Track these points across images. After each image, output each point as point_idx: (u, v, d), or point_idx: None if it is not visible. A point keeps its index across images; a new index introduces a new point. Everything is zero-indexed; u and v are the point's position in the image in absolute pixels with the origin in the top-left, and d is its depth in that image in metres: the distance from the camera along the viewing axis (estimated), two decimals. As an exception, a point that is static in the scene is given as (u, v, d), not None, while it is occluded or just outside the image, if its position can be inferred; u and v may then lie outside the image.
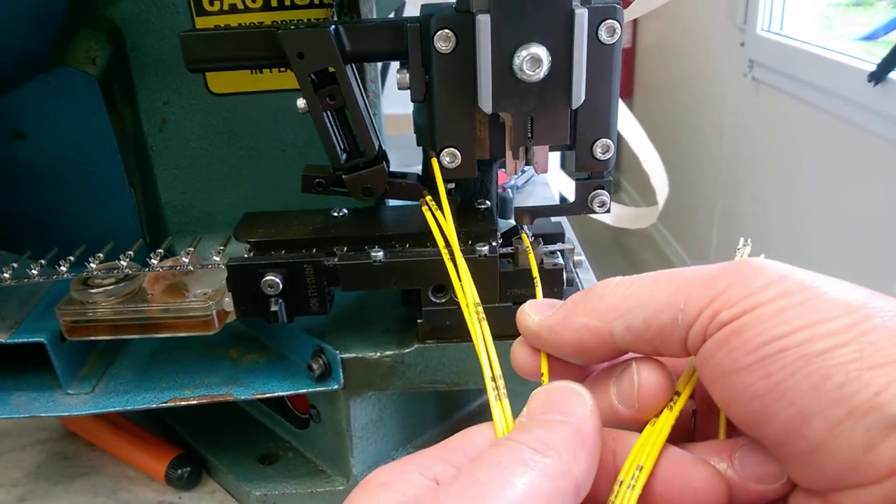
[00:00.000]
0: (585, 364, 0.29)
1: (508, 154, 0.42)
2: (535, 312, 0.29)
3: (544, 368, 0.29)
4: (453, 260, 0.36)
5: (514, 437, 0.24)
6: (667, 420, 0.26)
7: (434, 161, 0.41)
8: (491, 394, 0.27)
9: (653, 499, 0.25)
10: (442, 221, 0.39)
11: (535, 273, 0.38)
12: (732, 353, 0.23)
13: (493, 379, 0.28)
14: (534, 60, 0.37)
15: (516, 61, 0.37)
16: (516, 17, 0.37)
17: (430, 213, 0.41)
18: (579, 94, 0.39)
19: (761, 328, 0.22)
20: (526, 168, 0.44)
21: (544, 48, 0.37)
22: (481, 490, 0.21)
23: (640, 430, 0.26)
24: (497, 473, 0.21)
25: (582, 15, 0.37)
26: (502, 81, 0.38)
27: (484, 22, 0.37)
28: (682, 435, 0.29)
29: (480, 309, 0.32)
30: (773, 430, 0.22)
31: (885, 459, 0.20)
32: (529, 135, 0.40)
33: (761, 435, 0.23)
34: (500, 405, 0.27)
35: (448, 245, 0.38)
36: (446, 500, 0.21)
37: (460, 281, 0.35)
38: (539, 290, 0.36)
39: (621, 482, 0.24)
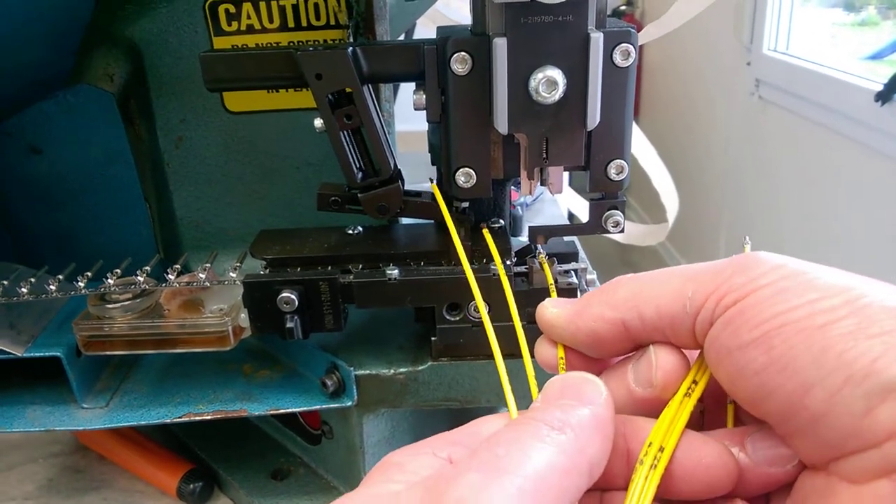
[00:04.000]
0: (601, 356, 0.30)
1: (523, 174, 0.43)
2: (554, 306, 0.30)
3: (561, 353, 0.30)
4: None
5: (531, 415, 0.24)
6: (686, 405, 0.27)
7: (434, 186, 0.42)
8: (509, 396, 0.28)
9: (665, 475, 0.25)
10: (456, 242, 0.39)
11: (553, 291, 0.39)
12: (736, 331, 0.24)
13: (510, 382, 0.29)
14: (549, 83, 0.37)
15: (532, 83, 0.38)
16: (532, 40, 0.37)
17: (489, 234, 0.44)
18: (594, 116, 0.39)
19: (763, 306, 0.24)
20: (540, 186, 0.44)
21: (560, 71, 0.38)
22: (501, 463, 0.22)
23: (653, 414, 0.27)
24: (515, 448, 0.22)
25: (597, 39, 0.37)
26: (518, 103, 0.39)
27: (500, 45, 0.37)
28: (692, 426, 0.30)
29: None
30: (777, 404, 0.23)
31: (884, 422, 0.21)
32: (544, 156, 0.40)
33: (765, 411, 0.24)
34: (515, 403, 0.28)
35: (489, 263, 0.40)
36: (467, 473, 0.21)
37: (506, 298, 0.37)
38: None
39: (642, 461, 0.25)
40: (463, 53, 0.39)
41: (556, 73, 0.37)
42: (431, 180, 0.48)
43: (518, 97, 0.38)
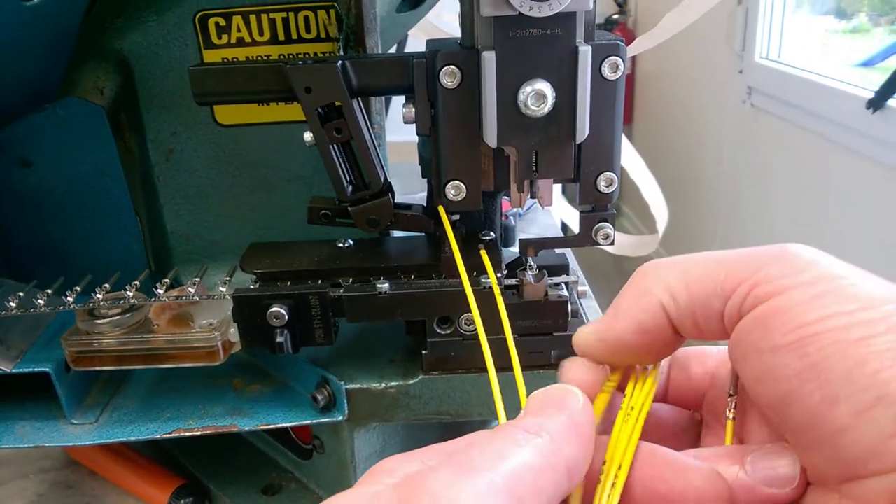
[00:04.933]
0: (650, 354, 0.29)
1: (513, 187, 0.42)
2: (588, 327, 0.29)
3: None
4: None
5: (508, 423, 0.24)
6: (628, 424, 0.27)
7: (441, 209, 0.42)
8: (499, 407, 0.28)
9: (655, 500, 0.25)
10: (457, 259, 0.39)
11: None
12: (769, 332, 0.23)
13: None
14: (538, 96, 0.37)
15: (521, 97, 0.38)
16: (521, 54, 0.37)
17: (486, 255, 0.44)
18: (583, 129, 0.39)
19: (800, 310, 0.23)
20: (530, 199, 0.44)
21: (548, 84, 0.38)
22: (475, 462, 0.22)
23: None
24: (490, 449, 0.22)
25: (586, 52, 0.37)
26: (507, 116, 0.39)
27: (489, 59, 0.37)
28: (690, 443, 0.30)
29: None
30: (800, 411, 0.23)
31: None
32: (534, 169, 0.40)
33: (786, 417, 0.24)
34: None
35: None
36: (440, 470, 0.22)
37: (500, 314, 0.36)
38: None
39: (601, 481, 0.25)
40: (452, 67, 0.39)
41: (544, 86, 0.37)
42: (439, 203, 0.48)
43: (507, 111, 0.38)
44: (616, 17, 3.05)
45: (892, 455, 0.21)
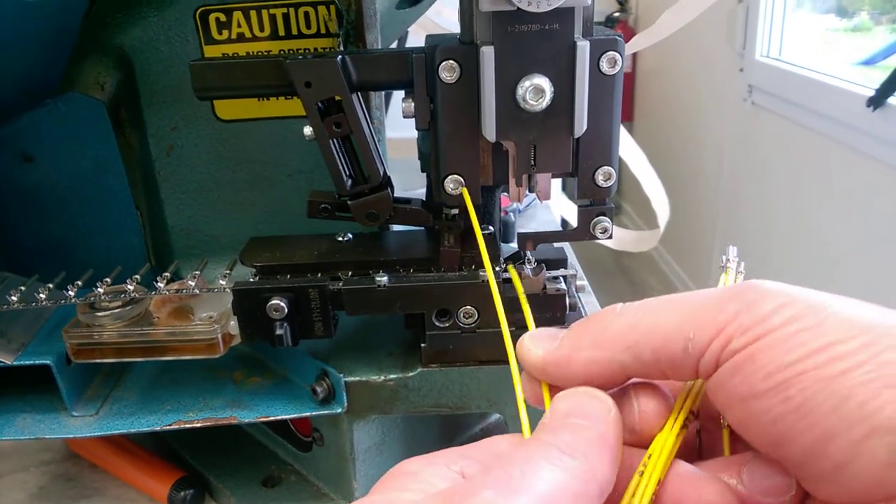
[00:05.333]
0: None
1: (512, 181, 0.43)
2: (537, 346, 0.28)
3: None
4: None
5: (541, 437, 0.24)
6: (668, 442, 0.27)
7: (466, 194, 0.42)
8: (523, 414, 0.28)
9: None
10: (484, 256, 0.39)
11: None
12: (748, 378, 0.23)
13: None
14: (536, 90, 0.38)
15: (519, 91, 0.38)
16: (519, 49, 0.38)
17: (515, 273, 0.43)
18: (581, 124, 0.39)
19: (776, 352, 0.23)
20: (529, 193, 0.44)
21: (547, 79, 0.38)
22: (514, 483, 0.22)
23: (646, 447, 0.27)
24: (529, 469, 0.22)
25: (584, 47, 0.38)
26: (506, 111, 0.39)
27: (488, 54, 0.38)
28: (689, 454, 0.30)
29: None
30: (796, 452, 0.23)
31: None
32: (532, 163, 0.41)
33: (782, 456, 0.24)
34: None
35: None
36: (483, 489, 0.22)
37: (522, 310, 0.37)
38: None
39: (643, 471, 0.25)
40: (451, 62, 0.40)
41: (543, 81, 0.38)
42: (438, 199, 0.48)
43: (506, 105, 0.39)
44: (617, 14, 3.05)
45: (893, 484, 0.21)
